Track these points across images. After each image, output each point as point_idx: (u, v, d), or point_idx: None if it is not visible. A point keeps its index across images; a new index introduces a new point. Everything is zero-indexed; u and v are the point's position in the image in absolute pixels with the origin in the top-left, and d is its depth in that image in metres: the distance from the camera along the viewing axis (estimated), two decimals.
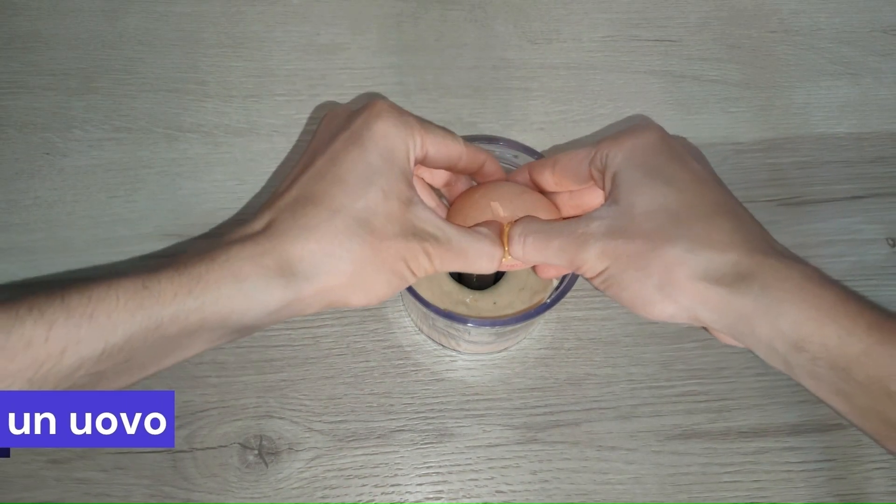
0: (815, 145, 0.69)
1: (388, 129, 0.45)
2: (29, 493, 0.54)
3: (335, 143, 0.45)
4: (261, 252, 0.41)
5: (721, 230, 0.42)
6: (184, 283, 0.39)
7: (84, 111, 0.68)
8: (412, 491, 0.56)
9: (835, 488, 0.55)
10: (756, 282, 0.40)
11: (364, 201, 0.43)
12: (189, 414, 0.57)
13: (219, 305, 0.40)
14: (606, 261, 0.43)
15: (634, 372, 0.59)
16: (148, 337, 0.39)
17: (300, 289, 0.41)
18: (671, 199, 0.44)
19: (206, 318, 0.40)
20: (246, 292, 0.40)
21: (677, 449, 0.57)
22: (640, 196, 0.44)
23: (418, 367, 0.59)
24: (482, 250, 0.45)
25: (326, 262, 0.42)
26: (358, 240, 0.42)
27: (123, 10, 0.74)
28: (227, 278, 0.40)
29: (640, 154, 0.46)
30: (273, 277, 0.41)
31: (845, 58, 0.74)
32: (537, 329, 0.61)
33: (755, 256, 0.41)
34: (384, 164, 0.44)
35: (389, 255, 0.43)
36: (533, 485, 0.56)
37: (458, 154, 0.48)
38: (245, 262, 0.40)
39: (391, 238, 0.43)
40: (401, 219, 0.44)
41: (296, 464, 0.56)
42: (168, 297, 0.39)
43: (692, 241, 0.42)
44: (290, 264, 0.41)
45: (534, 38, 0.74)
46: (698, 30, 0.75)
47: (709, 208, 0.44)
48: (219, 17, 0.74)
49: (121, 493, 0.55)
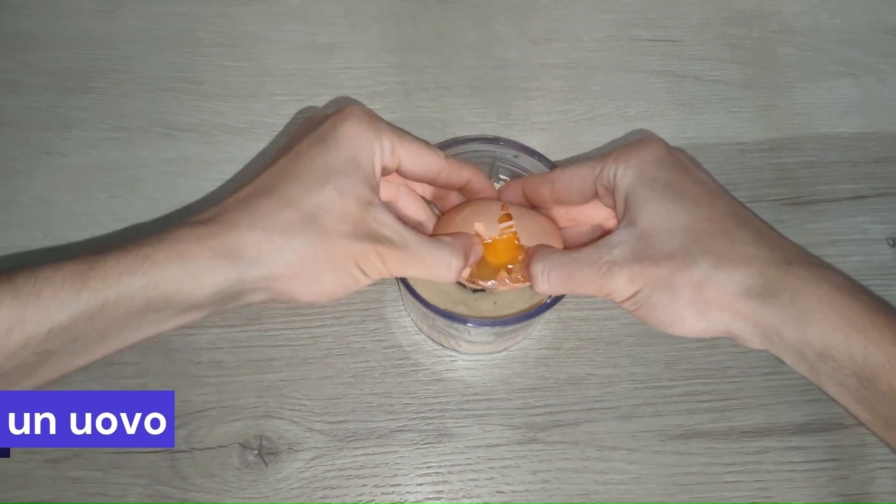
0: (819, 145, 0.69)
1: (355, 132, 0.45)
2: (24, 493, 0.54)
3: (301, 144, 0.45)
4: (208, 234, 0.41)
5: (743, 242, 0.43)
6: (130, 263, 0.40)
7: (82, 111, 0.68)
8: (412, 491, 0.55)
9: (839, 488, 0.55)
10: (785, 293, 0.41)
11: (318, 197, 0.43)
12: (188, 414, 0.57)
13: (165, 285, 0.40)
14: (636, 286, 0.43)
15: (636, 372, 0.59)
16: (94, 317, 0.39)
17: (244, 273, 0.42)
18: (689, 215, 0.44)
19: (152, 298, 0.40)
20: (191, 272, 0.41)
21: (679, 449, 0.56)
22: (658, 215, 0.44)
23: (418, 367, 0.59)
24: (441, 258, 0.46)
25: (271, 251, 0.42)
26: (306, 233, 0.43)
27: (121, 10, 0.73)
28: (173, 259, 0.40)
29: (650, 170, 0.46)
30: (218, 259, 0.41)
31: (847, 58, 0.74)
32: (537, 329, 0.60)
33: (781, 266, 0.42)
34: (345, 165, 0.44)
35: (338, 252, 0.43)
36: (533, 485, 0.55)
37: (436, 168, 0.48)
38: (192, 244, 0.41)
39: (341, 236, 0.43)
40: (355, 218, 0.44)
41: (295, 464, 0.55)
42: (114, 277, 0.39)
43: (717, 256, 0.42)
44: (236, 248, 0.42)
45: (534, 38, 0.74)
46: (699, 30, 0.75)
47: (727, 220, 0.44)
48: (217, 17, 0.74)
49: (117, 492, 0.54)
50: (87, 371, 0.56)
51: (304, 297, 0.44)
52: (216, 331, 0.59)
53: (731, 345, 0.58)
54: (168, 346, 0.59)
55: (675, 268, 0.42)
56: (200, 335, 0.59)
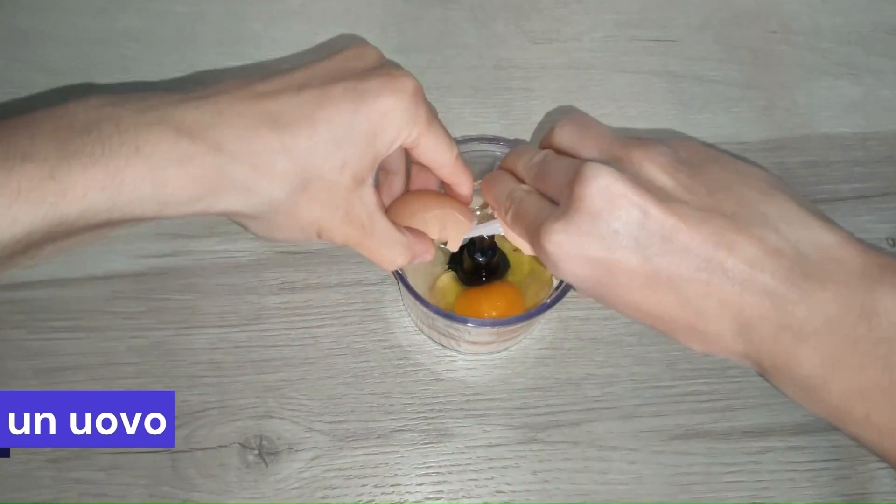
0: (821, 145, 0.69)
1: (393, 112, 0.42)
2: (25, 493, 0.54)
3: (335, 87, 0.41)
4: (191, 156, 0.38)
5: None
6: (98, 177, 0.36)
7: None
8: (412, 491, 0.55)
9: (839, 488, 0.55)
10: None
11: (320, 161, 0.41)
12: (188, 414, 0.56)
13: (131, 208, 0.37)
14: None
15: (637, 372, 0.59)
16: (51, 232, 0.36)
17: (214, 205, 0.39)
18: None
19: (114, 217, 0.37)
20: (163, 201, 0.38)
21: (680, 449, 0.56)
22: None
23: (418, 367, 0.59)
24: (392, 254, 0.46)
25: (248, 193, 0.40)
26: (288, 193, 0.41)
27: (121, 9, 0.73)
28: (146, 181, 0.37)
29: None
30: (195, 189, 0.38)
31: (847, 58, 0.74)
32: (537, 329, 0.60)
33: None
34: (364, 138, 0.42)
35: (308, 219, 0.42)
36: (533, 485, 0.55)
37: (441, 165, 0.47)
38: (171, 166, 0.37)
39: (319, 205, 0.41)
40: (341, 195, 0.42)
41: (295, 464, 0.55)
42: (77, 193, 0.35)
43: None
44: (216, 180, 0.39)
45: (535, 38, 0.74)
46: (699, 30, 0.75)
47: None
48: (217, 16, 0.74)
49: (118, 493, 0.54)
50: (87, 371, 0.57)
51: (251, 230, 0.43)
52: (216, 331, 0.59)
53: None
54: (168, 346, 0.59)
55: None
56: (200, 335, 0.59)
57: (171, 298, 0.61)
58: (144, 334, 0.59)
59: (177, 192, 0.38)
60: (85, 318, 0.59)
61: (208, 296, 0.61)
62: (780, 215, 0.39)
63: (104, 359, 0.58)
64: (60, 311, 0.60)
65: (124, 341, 0.59)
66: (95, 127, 0.37)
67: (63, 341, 0.59)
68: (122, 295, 0.60)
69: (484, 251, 0.54)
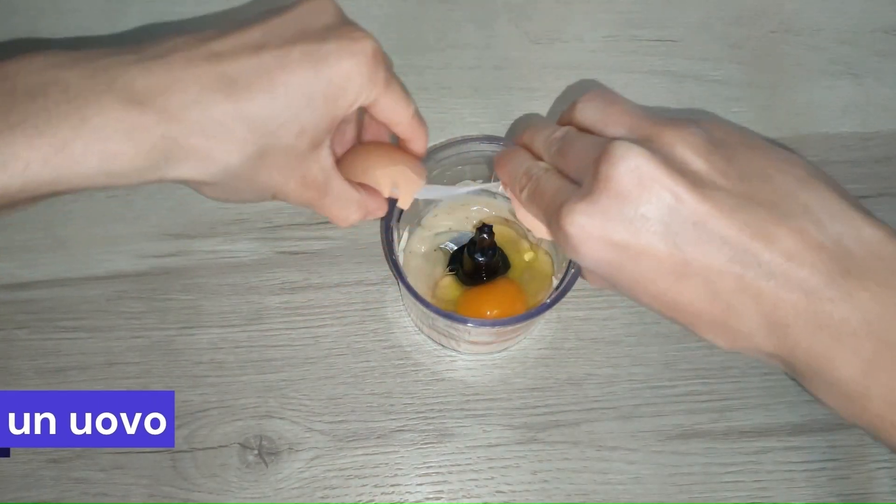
0: (820, 145, 0.69)
1: (353, 75, 0.41)
2: (26, 493, 0.54)
3: (293, 50, 0.40)
4: (141, 126, 0.36)
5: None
6: (42, 150, 0.34)
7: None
8: (412, 491, 0.55)
9: (838, 488, 0.55)
10: None
11: (277, 126, 0.39)
12: (188, 414, 0.57)
13: (79, 180, 0.36)
14: None
15: (636, 372, 0.59)
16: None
17: (165, 174, 0.38)
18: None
19: (60, 189, 0.36)
20: (110, 172, 0.36)
21: (678, 449, 0.56)
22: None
23: (418, 367, 0.59)
24: (346, 212, 0.46)
25: (202, 161, 0.38)
26: (244, 158, 0.39)
27: (123, 10, 0.73)
28: (93, 154, 0.35)
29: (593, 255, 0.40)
30: (144, 160, 0.37)
31: (847, 58, 0.74)
32: (537, 329, 0.60)
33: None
34: (322, 103, 0.40)
35: (263, 182, 0.41)
36: (533, 485, 0.56)
37: (398, 122, 0.45)
38: (120, 137, 0.36)
39: (276, 170, 0.41)
40: (298, 159, 0.41)
41: (296, 464, 0.56)
42: (18, 167, 0.34)
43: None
44: (167, 150, 0.37)
45: (535, 38, 0.74)
46: (700, 30, 0.75)
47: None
48: (218, 17, 0.74)
49: (119, 493, 0.54)
50: (89, 371, 0.57)
51: (205, 193, 0.42)
52: (217, 331, 0.59)
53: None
54: (169, 346, 0.59)
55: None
56: (201, 335, 0.59)
57: (172, 298, 0.61)
58: (146, 334, 0.59)
59: (125, 163, 0.36)
60: (87, 317, 0.60)
61: (210, 296, 0.61)
62: (821, 206, 0.37)
63: (106, 358, 0.58)
64: (62, 311, 0.60)
65: (126, 341, 0.59)
66: (41, 93, 0.35)
67: (65, 341, 0.59)
68: (123, 295, 0.61)
69: (484, 251, 0.54)
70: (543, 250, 0.58)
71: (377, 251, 0.62)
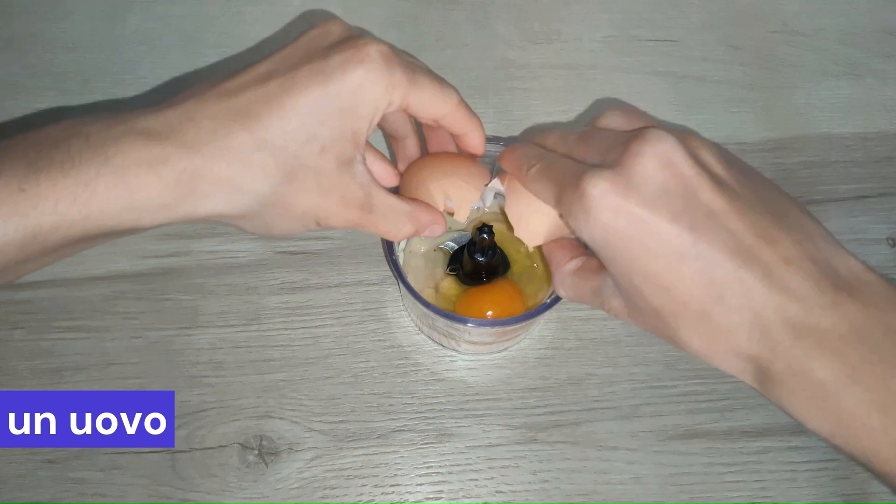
0: (820, 145, 0.69)
1: (365, 83, 0.40)
2: (24, 493, 0.54)
3: (300, 71, 0.40)
4: (162, 160, 0.37)
5: (729, 327, 0.38)
6: (69, 187, 0.35)
7: (83, 112, 0.68)
8: (412, 491, 0.55)
9: (839, 488, 0.55)
10: (778, 383, 0.37)
11: (297, 147, 0.39)
12: (188, 414, 0.57)
13: (105, 220, 0.36)
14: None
15: (636, 372, 0.59)
16: (26, 246, 0.35)
17: (194, 210, 0.38)
18: (660, 297, 0.40)
19: (90, 229, 0.36)
20: (137, 207, 0.37)
21: (679, 449, 0.56)
22: (632, 290, 0.41)
23: (418, 367, 0.59)
24: (395, 226, 0.45)
25: (230, 193, 0.39)
26: (272, 184, 0.39)
27: (123, 12, 0.74)
28: (118, 187, 0.36)
29: (617, 222, 0.39)
30: (170, 193, 0.37)
31: (848, 58, 0.74)
32: (537, 329, 0.60)
33: (772, 349, 0.37)
34: (340, 116, 0.40)
35: (301, 208, 0.41)
36: (533, 485, 0.55)
37: (441, 116, 0.44)
38: (142, 171, 0.37)
39: (309, 194, 0.40)
40: (329, 178, 0.41)
41: (295, 464, 0.55)
42: (49, 205, 0.35)
43: (698, 343, 0.39)
44: (192, 182, 0.38)
45: (535, 39, 0.74)
46: (700, 30, 0.75)
47: (707, 292, 0.38)
48: (218, 18, 0.74)
49: (118, 493, 0.54)
50: (88, 371, 0.57)
51: (247, 229, 0.42)
52: (216, 331, 0.59)
53: None
54: (168, 346, 0.59)
55: (664, 331, 0.40)
56: (200, 335, 0.59)
57: (171, 298, 0.61)
58: (144, 334, 0.59)
59: (151, 196, 0.37)
60: (86, 318, 0.60)
61: (209, 296, 0.61)
62: (815, 231, 0.39)
63: (105, 359, 0.58)
64: (62, 312, 0.60)
65: (124, 341, 0.59)
66: (65, 143, 0.37)
67: (64, 341, 0.59)
68: (123, 295, 0.61)
69: (484, 251, 0.54)
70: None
71: (377, 251, 0.62)
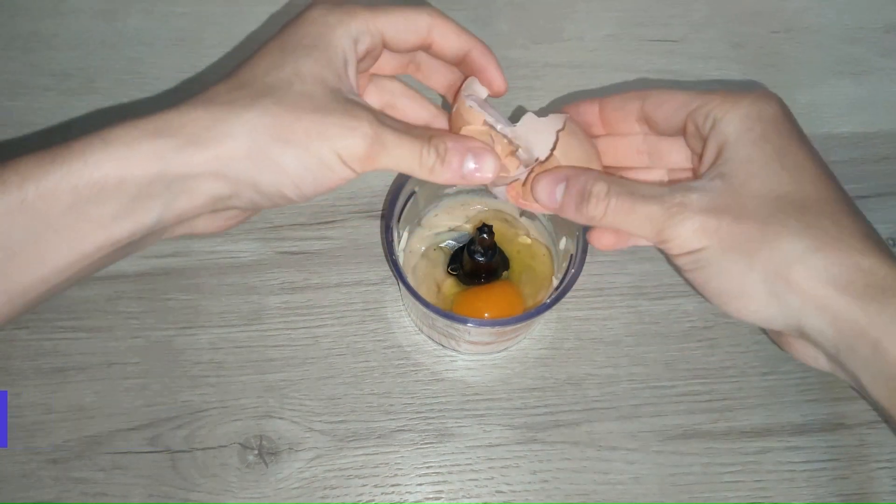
0: (821, 144, 0.67)
1: (319, 14, 0.40)
2: (25, 493, 0.54)
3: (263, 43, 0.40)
4: (140, 119, 0.37)
5: (853, 232, 0.38)
6: (48, 153, 0.36)
7: (84, 112, 0.68)
8: (412, 491, 0.55)
9: (838, 488, 0.55)
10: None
11: (273, 77, 0.38)
12: (188, 414, 0.57)
13: (90, 172, 0.35)
14: (705, 239, 0.38)
15: (636, 372, 0.59)
16: (14, 217, 0.35)
17: (185, 154, 0.36)
18: (796, 189, 0.39)
19: (79, 188, 0.35)
20: (119, 154, 0.36)
21: (679, 449, 0.56)
22: (757, 178, 0.39)
23: (418, 367, 0.59)
24: (411, 149, 0.40)
25: (215, 125, 0.37)
26: (257, 106, 0.37)
27: (124, 11, 0.74)
28: (94, 143, 0.36)
29: (760, 128, 0.40)
30: (150, 138, 0.36)
31: (851, 57, 0.73)
32: (537, 329, 0.60)
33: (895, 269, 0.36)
34: (307, 48, 0.39)
35: (296, 126, 0.37)
36: (533, 485, 0.55)
37: (424, 27, 0.42)
38: (118, 128, 0.36)
39: (299, 109, 0.37)
40: (317, 96, 0.38)
41: (296, 464, 0.56)
42: (30, 169, 0.35)
43: (819, 238, 0.37)
44: (172, 127, 0.37)
45: (537, 37, 0.74)
46: (702, 28, 0.75)
47: (837, 206, 0.39)
48: (220, 18, 0.74)
49: (119, 493, 0.54)
50: (89, 371, 0.57)
51: (267, 187, 0.38)
52: (217, 331, 0.59)
53: (731, 344, 0.59)
54: (169, 346, 0.59)
55: (763, 234, 0.37)
56: (201, 335, 0.59)
57: (172, 298, 0.61)
58: (146, 334, 0.59)
59: (129, 141, 0.36)
60: (86, 318, 0.60)
61: (210, 296, 0.61)
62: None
63: (106, 359, 0.58)
64: (62, 311, 0.60)
65: (126, 341, 0.59)
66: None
67: (65, 341, 0.59)
68: (123, 295, 0.61)
69: (484, 251, 0.54)
70: (542, 244, 0.58)
71: (377, 251, 0.62)
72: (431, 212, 0.60)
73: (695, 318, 0.60)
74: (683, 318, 0.60)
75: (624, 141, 0.47)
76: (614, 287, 0.62)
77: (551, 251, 0.58)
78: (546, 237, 0.59)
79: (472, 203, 0.60)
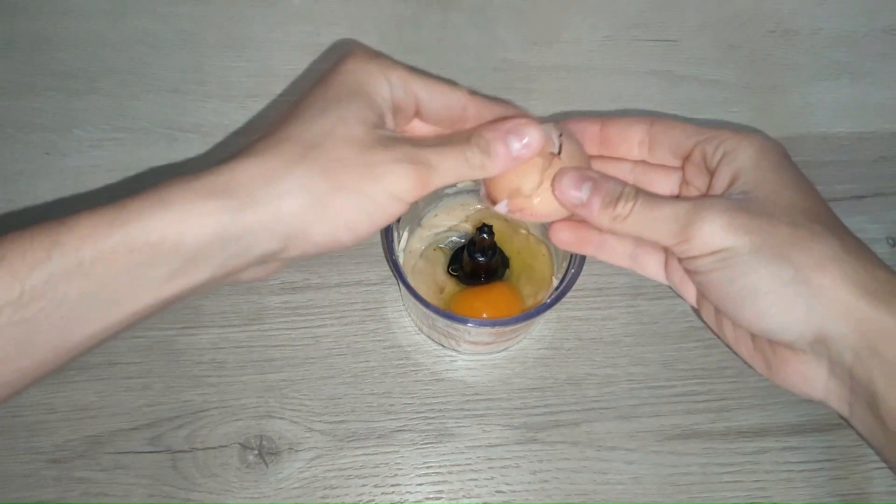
0: (816, 146, 0.69)
1: (358, 66, 0.41)
2: (28, 493, 0.54)
3: (302, 93, 0.41)
4: (194, 178, 0.37)
5: (863, 247, 0.39)
6: (104, 214, 0.35)
7: (85, 112, 0.68)
8: (412, 491, 0.55)
9: (835, 488, 0.55)
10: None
11: (318, 127, 0.38)
12: (189, 414, 0.57)
13: (147, 234, 0.35)
14: (733, 237, 0.38)
15: (635, 372, 0.59)
16: (71, 280, 0.35)
17: (241, 214, 0.37)
18: (815, 206, 0.40)
19: (135, 250, 0.35)
20: (176, 216, 0.36)
21: (677, 449, 0.57)
22: (781, 196, 0.40)
23: (418, 367, 0.59)
24: (456, 154, 0.41)
25: (269, 184, 0.37)
26: (307, 160, 0.38)
27: (126, 11, 0.73)
28: (152, 204, 0.36)
29: (773, 159, 0.41)
30: (206, 199, 0.36)
31: (844, 58, 0.74)
32: (537, 329, 0.61)
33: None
34: (348, 96, 0.40)
35: (348, 174, 0.38)
36: (533, 485, 0.56)
37: (459, 105, 0.43)
38: (174, 188, 0.36)
39: (348, 156, 0.38)
40: (361, 140, 0.39)
41: (296, 464, 0.56)
42: (87, 230, 0.35)
43: (847, 245, 0.38)
44: (227, 186, 0.37)
45: (534, 40, 0.74)
46: (697, 31, 0.75)
47: (845, 228, 0.40)
48: (220, 18, 0.74)
49: (120, 492, 0.54)
50: (90, 371, 0.57)
51: (321, 237, 0.39)
52: (217, 331, 0.60)
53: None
54: (170, 346, 0.59)
55: (795, 238, 0.38)
56: (202, 335, 0.59)
57: None
58: (147, 334, 0.59)
59: (186, 203, 0.37)
60: None
61: (210, 296, 0.61)
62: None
63: (107, 358, 0.58)
64: None
65: (126, 341, 0.59)
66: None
67: None
68: None
69: (484, 251, 0.55)
70: (542, 241, 0.58)
71: (377, 251, 0.63)
72: (431, 212, 0.60)
73: (693, 319, 0.60)
74: (682, 319, 0.61)
75: (612, 167, 0.48)
76: (614, 287, 0.62)
77: (551, 251, 0.58)
78: (546, 236, 0.59)
79: (471, 203, 0.60)
